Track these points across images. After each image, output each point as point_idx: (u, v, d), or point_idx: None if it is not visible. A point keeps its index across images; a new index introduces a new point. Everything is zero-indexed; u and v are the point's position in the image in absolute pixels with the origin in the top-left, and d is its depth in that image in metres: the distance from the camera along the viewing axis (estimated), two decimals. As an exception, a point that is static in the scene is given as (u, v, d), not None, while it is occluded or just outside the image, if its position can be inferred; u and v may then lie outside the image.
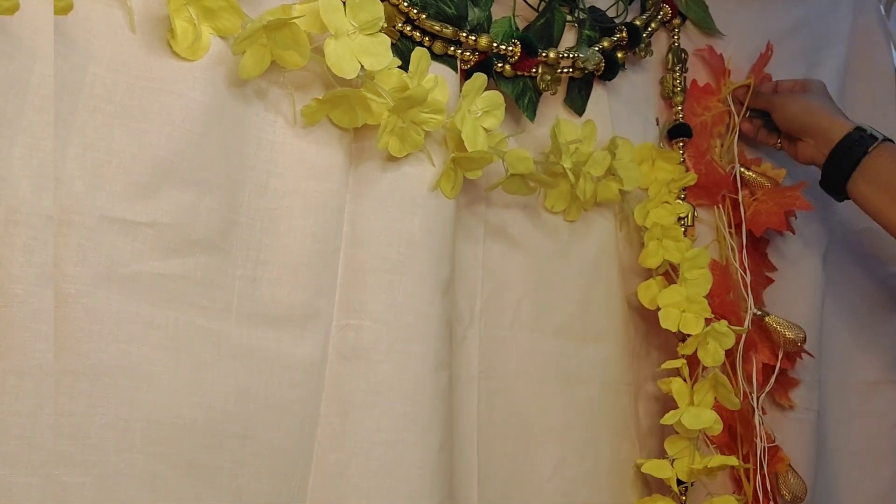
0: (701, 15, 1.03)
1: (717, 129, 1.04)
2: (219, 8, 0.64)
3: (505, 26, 0.85)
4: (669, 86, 1.01)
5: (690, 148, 1.00)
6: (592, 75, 0.91)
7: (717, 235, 1.02)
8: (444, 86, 0.77)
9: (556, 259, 0.89)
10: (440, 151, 0.78)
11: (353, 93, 0.70)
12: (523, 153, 0.81)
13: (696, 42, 1.04)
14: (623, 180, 0.91)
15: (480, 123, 0.78)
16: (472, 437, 0.81)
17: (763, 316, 0.97)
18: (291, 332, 0.70)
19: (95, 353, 0.60)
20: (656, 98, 1.02)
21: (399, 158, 0.75)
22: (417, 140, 0.74)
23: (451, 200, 0.78)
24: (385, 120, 0.72)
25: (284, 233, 0.71)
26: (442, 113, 0.75)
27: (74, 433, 0.59)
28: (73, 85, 0.61)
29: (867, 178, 0.93)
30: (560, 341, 0.88)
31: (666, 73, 1.01)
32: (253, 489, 0.67)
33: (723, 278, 0.99)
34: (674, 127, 1.00)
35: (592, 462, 0.88)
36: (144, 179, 0.63)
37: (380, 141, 0.72)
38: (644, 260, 0.93)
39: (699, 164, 1.01)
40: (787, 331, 0.97)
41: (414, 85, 0.72)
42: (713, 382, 0.88)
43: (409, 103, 0.72)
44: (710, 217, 1.02)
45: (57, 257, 0.59)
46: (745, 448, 0.94)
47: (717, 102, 1.03)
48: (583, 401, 0.88)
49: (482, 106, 0.78)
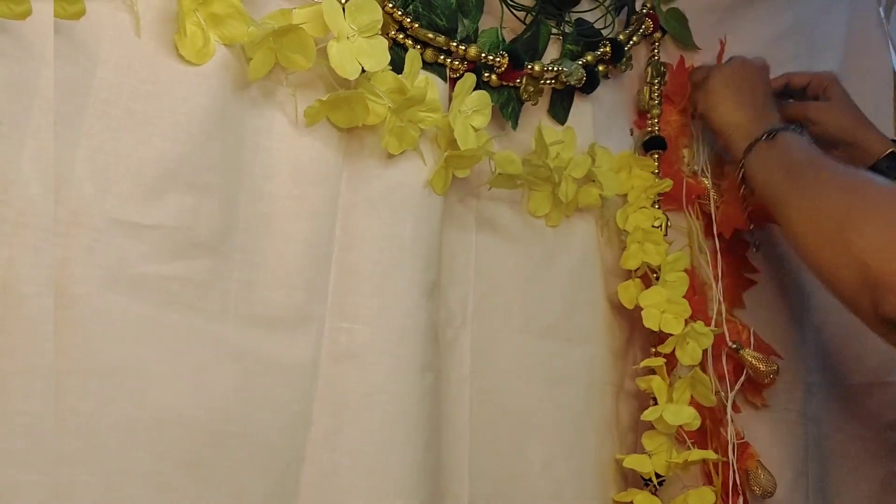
0: (678, 29, 1.05)
1: (681, 140, 1.06)
2: (227, 15, 0.66)
3: (492, 36, 0.88)
4: (646, 98, 1.03)
5: (662, 158, 1.03)
6: (573, 88, 0.94)
7: (688, 241, 1.05)
8: (434, 86, 0.80)
9: (544, 261, 0.92)
10: (431, 150, 0.80)
11: (354, 94, 0.72)
12: (511, 155, 0.84)
13: (674, 56, 1.06)
14: (603, 186, 0.94)
15: (470, 122, 0.81)
16: (465, 435, 0.83)
17: (738, 349, 1.00)
18: (285, 334, 0.72)
19: (103, 353, 0.61)
20: (634, 111, 1.04)
21: (391, 166, 0.77)
22: (413, 137, 0.77)
23: (439, 208, 0.80)
24: (387, 120, 0.74)
25: (278, 237, 0.72)
26: (437, 111, 0.78)
27: (81, 432, 0.60)
28: (81, 88, 0.62)
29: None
30: (548, 342, 0.90)
31: (644, 85, 1.03)
32: (251, 487, 0.68)
33: (692, 282, 1.02)
34: (649, 139, 1.02)
35: (578, 459, 0.90)
36: (150, 182, 0.64)
37: (383, 140, 0.75)
38: (625, 262, 0.96)
39: (668, 173, 1.03)
40: (760, 364, 1.00)
41: (409, 84, 0.75)
42: (692, 381, 0.92)
43: (409, 103, 0.75)
44: (683, 223, 1.04)
45: (66, 259, 0.60)
46: (713, 443, 0.97)
47: (678, 114, 1.05)
48: (570, 400, 0.91)
49: (471, 105, 0.81)
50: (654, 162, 1.01)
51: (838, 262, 0.75)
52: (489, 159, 0.83)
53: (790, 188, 0.84)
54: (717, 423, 0.98)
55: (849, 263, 0.73)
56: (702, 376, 0.91)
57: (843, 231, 0.75)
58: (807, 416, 1.07)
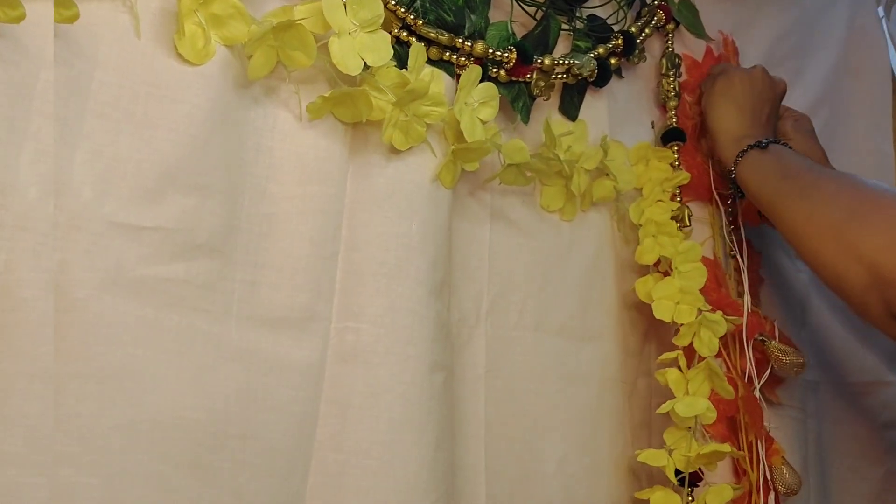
0: (691, 20, 1.04)
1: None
2: (227, 15, 0.66)
3: (501, 30, 0.87)
4: (664, 91, 1.02)
5: (683, 149, 1.02)
6: (586, 82, 0.92)
7: (712, 232, 1.03)
8: (440, 79, 0.79)
9: (559, 258, 0.91)
10: (439, 144, 0.79)
11: (357, 90, 0.72)
12: (519, 143, 0.83)
13: (689, 46, 1.05)
14: (618, 180, 0.93)
15: (477, 115, 0.80)
16: (480, 435, 0.82)
17: (764, 341, 0.99)
18: (290, 335, 0.71)
19: (102, 356, 0.61)
20: (651, 103, 1.03)
21: (396, 163, 0.77)
22: (420, 133, 0.76)
23: (447, 206, 0.80)
24: (389, 114, 0.74)
25: (283, 237, 0.72)
26: (442, 105, 0.77)
27: (82, 434, 0.60)
28: (80, 91, 0.62)
29: None
30: (562, 340, 0.90)
31: (660, 78, 1.02)
32: (253, 489, 0.68)
33: (714, 273, 1.00)
34: (667, 131, 1.01)
35: (592, 458, 0.90)
36: (150, 185, 0.64)
37: (384, 134, 0.74)
38: (640, 256, 0.94)
39: (691, 165, 1.02)
40: (787, 356, 0.98)
41: (414, 79, 0.74)
42: (707, 372, 0.90)
43: (411, 96, 0.74)
44: (706, 214, 1.03)
45: (65, 262, 0.60)
46: (749, 437, 0.95)
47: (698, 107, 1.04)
48: (583, 398, 0.90)
49: (478, 97, 0.80)
50: (674, 154, 1.00)
51: (844, 263, 0.73)
52: (499, 153, 0.82)
53: (787, 190, 0.83)
54: (753, 414, 0.96)
55: (855, 263, 0.72)
56: (716, 367, 0.89)
57: (848, 231, 0.73)
58: (807, 414, 1.06)
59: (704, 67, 1.05)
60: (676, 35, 1.03)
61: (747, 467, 0.95)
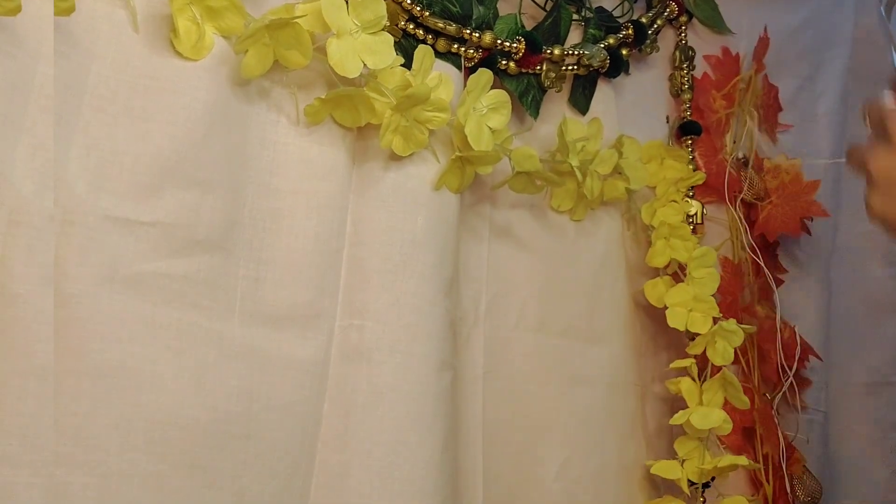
0: (710, 13, 1.02)
1: (726, 126, 1.03)
2: (222, 7, 0.64)
3: (510, 23, 0.85)
4: (678, 83, 1.00)
5: (702, 146, 1.00)
6: (597, 73, 0.91)
7: (730, 235, 1.01)
8: (449, 84, 0.76)
9: (563, 259, 0.89)
10: (446, 150, 0.77)
11: (356, 92, 0.70)
12: (529, 151, 0.80)
13: (704, 39, 1.03)
14: (630, 179, 0.91)
15: (486, 121, 0.77)
16: (478, 437, 0.81)
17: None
18: (294, 332, 0.70)
19: (98, 353, 0.60)
20: (665, 96, 1.01)
21: (402, 158, 0.75)
22: (422, 139, 0.74)
23: (455, 201, 0.78)
24: (388, 118, 0.71)
25: (287, 233, 0.70)
26: (446, 111, 0.74)
27: (77, 433, 0.59)
28: (77, 85, 0.61)
29: None
30: (566, 341, 0.88)
31: (674, 70, 1.01)
32: (255, 490, 0.66)
33: (735, 278, 0.98)
34: (683, 124, 0.99)
35: (598, 463, 0.88)
36: (148, 179, 0.63)
37: (383, 139, 0.72)
38: (651, 259, 0.92)
39: (711, 162, 1.00)
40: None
41: (417, 83, 0.72)
42: (722, 382, 0.88)
43: (411, 101, 0.71)
44: (723, 216, 1.01)
45: (60, 257, 0.59)
46: (765, 449, 0.94)
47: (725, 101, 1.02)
48: (588, 401, 0.88)
49: (487, 103, 0.77)
50: (689, 153, 0.98)
51: None
52: (508, 157, 0.80)
53: None
54: (768, 425, 0.94)
55: None
56: (732, 378, 0.87)
57: None
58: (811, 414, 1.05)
59: (727, 64, 1.03)
60: (689, 28, 1.02)
61: (763, 479, 0.93)
